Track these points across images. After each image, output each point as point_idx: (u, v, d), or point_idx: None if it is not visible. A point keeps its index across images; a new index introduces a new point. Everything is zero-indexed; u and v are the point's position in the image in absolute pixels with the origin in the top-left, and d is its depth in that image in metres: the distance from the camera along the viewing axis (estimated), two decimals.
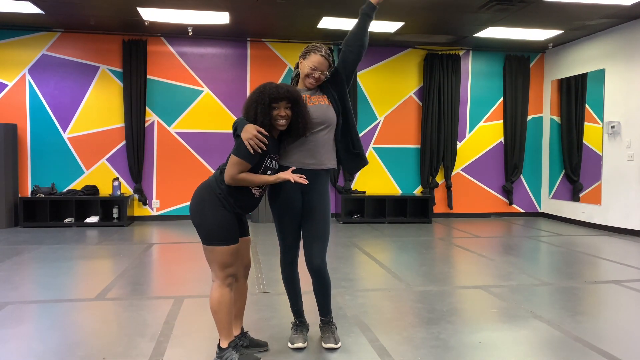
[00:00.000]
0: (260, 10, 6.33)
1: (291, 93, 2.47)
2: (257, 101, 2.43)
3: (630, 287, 4.12)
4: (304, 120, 2.51)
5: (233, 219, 2.49)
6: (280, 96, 2.43)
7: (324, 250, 2.67)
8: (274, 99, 2.43)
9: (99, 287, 4.00)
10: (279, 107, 2.45)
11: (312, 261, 2.65)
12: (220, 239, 2.45)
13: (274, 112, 2.45)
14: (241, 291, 2.72)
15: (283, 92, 2.44)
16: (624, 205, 6.91)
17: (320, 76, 2.63)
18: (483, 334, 3.03)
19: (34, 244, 5.80)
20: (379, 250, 5.63)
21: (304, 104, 2.53)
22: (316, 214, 2.65)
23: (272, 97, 2.42)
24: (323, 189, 2.68)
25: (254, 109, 2.44)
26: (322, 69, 2.62)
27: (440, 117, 8.26)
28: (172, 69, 7.73)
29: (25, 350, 2.71)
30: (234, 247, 2.48)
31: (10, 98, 7.34)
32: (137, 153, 7.56)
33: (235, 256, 2.51)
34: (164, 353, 2.69)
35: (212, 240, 2.45)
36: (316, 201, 2.65)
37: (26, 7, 6.22)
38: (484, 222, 8.00)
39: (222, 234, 2.45)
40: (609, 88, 7.21)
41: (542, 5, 5.97)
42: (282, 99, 2.44)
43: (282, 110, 2.45)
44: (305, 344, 2.78)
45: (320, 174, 2.66)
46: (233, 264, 2.50)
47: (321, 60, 2.62)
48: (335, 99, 2.69)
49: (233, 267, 2.51)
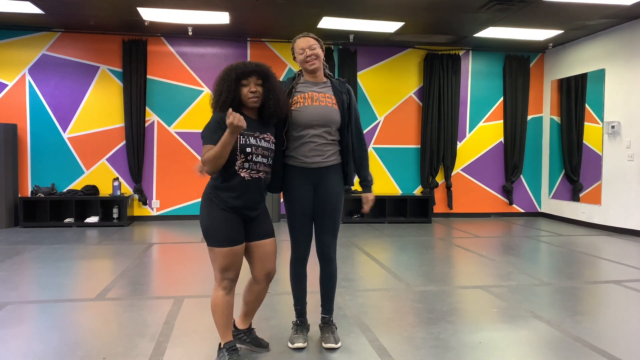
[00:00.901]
0: (260, 10, 6.33)
1: (260, 67, 2.40)
2: (224, 78, 2.36)
3: (630, 287, 4.12)
4: (275, 96, 2.42)
5: (233, 220, 2.39)
6: (248, 70, 2.36)
7: (335, 242, 2.78)
8: (242, 75, 2.35)
9: (99, 287, 4.00)
10: (248, 84, 2.37)
11: (324, 250, 2.75)
12: (216, 239, 2.37)
13: (244, 89, 2.37)
14: (258, 294, 2.62)
15: (251, 67, 2.37)
16: (624, 205, 6.91)
17: (311, 52, 2.63)
18: (483, 334, 3.03)
19: (34, 244, 5.80)
20: (379, 250, 5.63)
21: (275, 79, 2.45)
22: (328, 205, 2.70)
23: (240, 72, 2.35)
24: (334, 183, 2.71)
25: (220, 87, 2.37)
26: (307, 45, 2.64)
27: (440, 117, 8.26)
28: (172, 69, 7.73)
29: (25, 350, 2.71)
30: (230, 249, 2.38)
31: (10, 98, 7.34)
32: (137, 153, 7.56)
33: (232, 259, 2.40)
34: (164, 353, 2.69)
35: (209, 241, 2.40)
36: (327, 195, 2.69)
37: (26, 7, 6.22)
38: (484, 222, 8.00)
39: (217, 235, 2.37)
40: (609, 88, 7.21)
41: (542, 5, 5.97)
42: (250, 74, 2.36)
43: (252, 86, 2.37)
44: (306, 344, 2.78)
45: (329, 170, 2.69)
46: (231, 267, 2.40)
47: (303, 40, 2.67)
48: (343, 102, 2.70)
49: (231, 271, 2.42)
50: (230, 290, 2.46)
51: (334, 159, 2.70)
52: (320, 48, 2.67)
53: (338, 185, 2.73)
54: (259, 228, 2.52)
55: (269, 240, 2.55)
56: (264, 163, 2.45)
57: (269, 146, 2.47)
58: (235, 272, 2.45)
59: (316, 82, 2.71)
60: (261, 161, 2.42)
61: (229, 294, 2.46)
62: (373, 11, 6.28)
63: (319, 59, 2.65)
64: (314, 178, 2.67)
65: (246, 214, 2.45)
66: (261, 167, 2.43)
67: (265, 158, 2.45)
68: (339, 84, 2.76)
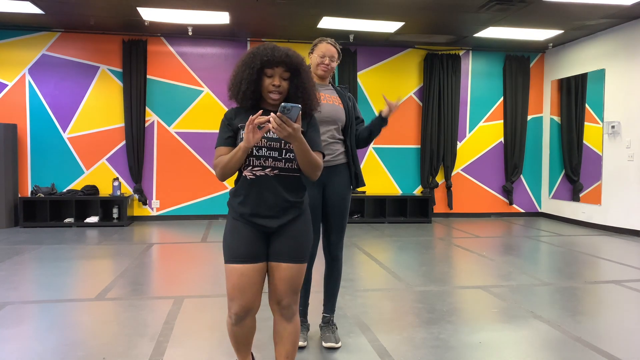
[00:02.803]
0: (260, 10, 6.32)
1: (290, 58, 1.91)
2: (247, 64, 1.91)
3: (630, 287, 4.11)
4: (304, 94, 1.94)
5: (243, 231, 1.93)
6: (277, 59, 1.89)
7: (342, 241, 2.84)
8: (267, 63, 1.89)
9: (99, 287, 4.00)
10: (273, 75, 1.91)
11: (331, 249, 2.81)
12: (225, 254, 1.96)
13: (267, 80, 1.91)
14: (279, 334, 2.04)
15: (280, 56, 1.89)
16: (624, 205, 6.91)
17: (330, 62, 2.74)
18: (483, 334, 3.03)
19: (34, 244, 5.80)
20: (379, 250, 5.63)
21: (307, 75, 1.96)
22: (336, 207, 2.76)
23: (265, 59, 1.89)
24: (341, 183, 2.77)
25: (240, 74, 1.92)
26: (330, 54, 2.74)
27: (440, 117, 8.26)
28: (172, 69, 7.73)
29: (25, 350, 2.71)
30: (234, 267, 1.91)
31: (10, 98, 7.34)
32: (137, 153, 7.55)
33: (238, 282, 1.91)
34: (164, 353, 2.69)
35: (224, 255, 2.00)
36: (335, 195, 2.75)
37: (26, 7, 6.22)
38: (484, 222, 8.00)
39: (225, 249, 1.96)
40: (609, 88, 7.21)
41: (542, 5, 5.97)
42: (278, 64, 1.89)
43: (277, 79, 1.91)
44: (305, 343, 2.78)
45: (337, 169, 2.75)
46: (235, 295, 1.92)
47: (328, 47, 2.75)
48: (347, 104, 2.81)
49: (235, 301, 1.92)
50: (238, 322, 1.98)
51: (342, 158, 2.77)
52: (337, 61, 2.79)
53: (346, 185, 2.79)
54: (280, 245, 1.97)
55: (286, 265, 1.96)
56: (274, 157, 1.91)
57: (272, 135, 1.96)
58: (241, 304, 1.92)
59: (322, 84, 2.81)
60: (268, 155, 1.91)
61: (237, 325, 1.99)
62: (373, 11, 6.28)
63: (330, 70, 2.79)
64: (323, 177, 2.70)
65: (261, 224, 1.94)
66: (269, 162, 1.91)
67: (275, 151, 1.91)
68: (342, 89, 2.88)
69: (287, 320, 2.02)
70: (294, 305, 2.01)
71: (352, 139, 2.80)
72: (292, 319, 2.03)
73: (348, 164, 2.79)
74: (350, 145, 2.79)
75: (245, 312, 1.94)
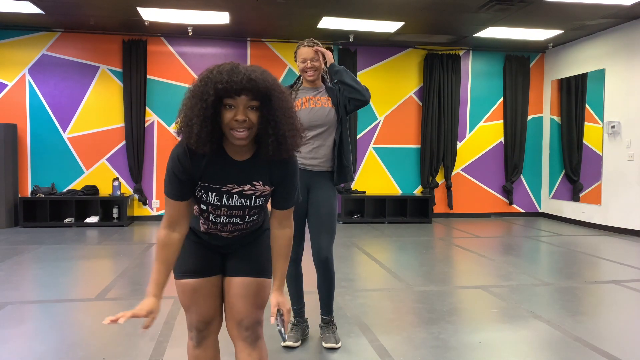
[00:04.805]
0: (260, 10, 6.32)
1: (256, 82, 1.40)
2: (198, 96, 1.43)
3: (630, 287, 4.12)
4: (276, 129, 1.45)
5: (199, 246, 1.72)
6: (236, 86, 1.38)
7: (331, 244, 2.73)
8: (225, 91, 1.39)
9: (99, 287, 4.00)
10: (235, 106, 1.42)
11: (320, 253, 2.70)
12: (174, 270, 1.73)
13: (227, 114, 1.42)
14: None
15: (241, 80, 1.38)
16: (624, 205, 6.91)
17: (313, 64, 2.68)
18: (483, 334, 3.03)
19: (34, 244, 5.80)
20: (379, 250, 5.63)
21: (280, 101, 1.46)
22: (322, 209, 2.70)
23: (221, 87, 1.39)
24: (327, 185, 2.74)
25: (190, 113, 1.43)
26: (310, 57, 2.67)
27: (440, 117, 8.26)
28: (172, 69, 7.73)
29: (25, 350, 2.71)
30: (186, 282, 1.70)
31: (10, 98, 7.33)
32: (137, 153, 7.55)
33: (191, 298, 1.70)
34: (164, 353, 2.69)
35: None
36: (321, 196, 2.71)
37: (26, 7, 6.22)
38: (484, 222, 8.00)
39: (177, 263, 1.72)
40: (609, 88, 7.21)
41: (542, 5, 5.97)
42: (239, 91, 1.39)
43: (240, 112, 1.41)
44: (298, 343, 2.79)
45: (323, 174, 2.73)
46: (192, 308, 1.71)
47: (305, 50, 2.68)
48: (338, 101, 2.75)
49: (194, 313, 1.71)
50: (200, 343, 1.75)
51: (328, 166, 2.73)
52: (320, 60, 2.70)
53: (331, 188, 2.75)
54: (236, 259, 1.72)
55: (243, 280, 1.69)
56: (234, 223, 1.64)
57: (247, 203, 1.59)
58: (201, 312, 1.71)
59: (314, 88, 2.77)
60: (227, 222, 1.63)
61: (199, 346, 1.76)
62: (373, 11, 6.28)
63: (318, 71, 2.71)
64: (307, 179, 2.69)
65: (215, 244, 1.73)
66: (228, 227, 1.65)
67: (237, 217, 1.63)
68: (333, 85, 2.83)
69: (251, 346, 1.69)
70: (257, 326, 1.70)
71: (343, 133, 2.74)
72: (255, 343, 1.69)
73: (333, 171, 2.74)
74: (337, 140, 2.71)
75: (205, 324, 1.72)
